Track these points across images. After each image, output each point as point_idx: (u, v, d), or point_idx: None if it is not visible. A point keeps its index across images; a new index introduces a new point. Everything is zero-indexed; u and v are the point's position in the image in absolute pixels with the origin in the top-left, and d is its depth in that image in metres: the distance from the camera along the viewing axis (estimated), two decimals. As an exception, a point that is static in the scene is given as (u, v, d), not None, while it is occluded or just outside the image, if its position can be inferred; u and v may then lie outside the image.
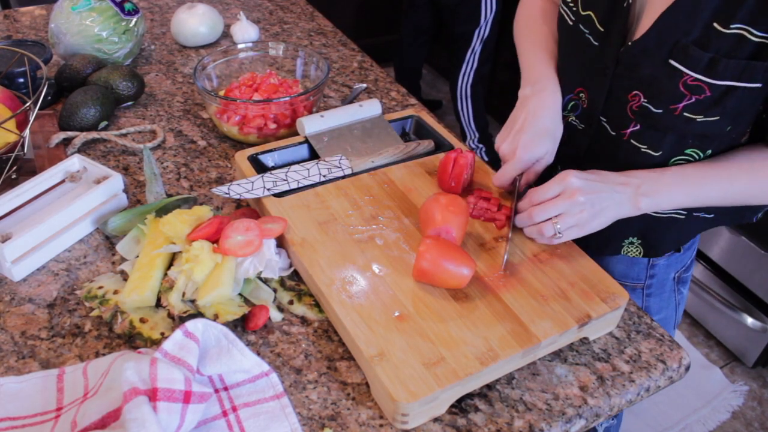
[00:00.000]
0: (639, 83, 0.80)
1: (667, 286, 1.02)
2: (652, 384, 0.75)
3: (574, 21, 0.87)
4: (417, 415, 0.66)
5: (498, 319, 0.73)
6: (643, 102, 0.80)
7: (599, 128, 0.88)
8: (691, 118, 0.78)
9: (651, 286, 1.01)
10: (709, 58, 0.72)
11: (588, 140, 0.91)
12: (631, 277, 1.00)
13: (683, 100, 0.77)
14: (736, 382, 1.99)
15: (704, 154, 0.83)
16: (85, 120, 1.08)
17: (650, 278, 1.00)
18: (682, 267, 1.02)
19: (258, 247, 0.79)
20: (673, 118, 0.79)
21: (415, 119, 1.07)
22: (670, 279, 1.02)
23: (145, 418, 0.57)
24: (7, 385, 0.69)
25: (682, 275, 1.03)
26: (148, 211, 0.88)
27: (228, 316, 0.75)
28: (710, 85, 0.74)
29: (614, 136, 0.86)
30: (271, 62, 1.22)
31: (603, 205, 0.78)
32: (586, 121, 0.90)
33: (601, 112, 0.87)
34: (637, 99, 0.81)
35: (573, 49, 0.89)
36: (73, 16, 1.22)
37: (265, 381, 0.70)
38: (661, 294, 1.02)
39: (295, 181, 0.90)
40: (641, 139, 0.84)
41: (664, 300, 1.04)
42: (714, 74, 0.73)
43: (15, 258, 0.82)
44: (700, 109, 0.76)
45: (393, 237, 0.83)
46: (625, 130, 0.85)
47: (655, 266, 0.99)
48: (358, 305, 0.73)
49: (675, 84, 0.76)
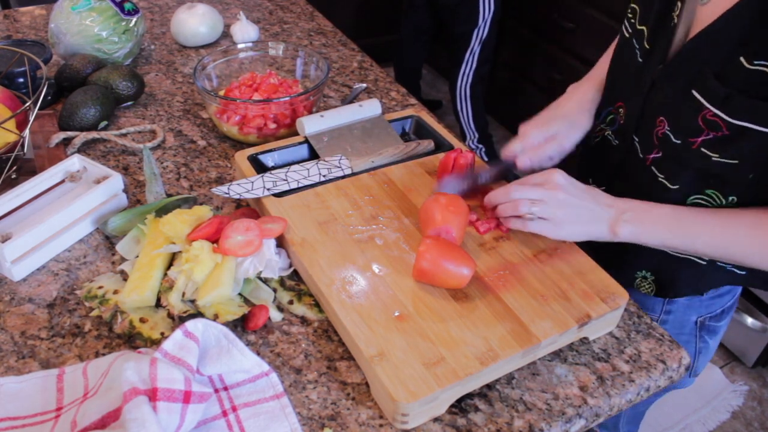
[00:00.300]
0: (664, 109, 0.78)
1: (686, 329, 0.97)
2: (652, 384, 0.75)
3: (630, 34, 0.85)
4: (417, 415, 0.66)
5: (498, 319, 0.73)
6: (666, 130, 0.78)
7: (631, 147, 0.86)
8: (708, 156, 0.74)
9: (666, 323, 0.96)
10: (726, 93, 0.69)
11: (620, 157, 0.89)
12: (646, 307, 0.96)
13: (701, 134, 0.74)
14: (736, 382, 1.99)
15: (726, 199, 0.79)
16: (85, 120, 1.08)
17: (665, 314, 0.95)
18: (708, 313, 0.96)
19: (258, 247, 0.79)
20: (691, 152, 0.76)
21: (415, 119, 1.07)
22: (690, 322, 0.96)
23: (145, 418, 0.57)
24: (7, 385, 0.69)
25: (708, 322, 0.97)
26: (148, 211, 0.88)
27: (228, 316, 0.75)
28: (727, 123, 0.70)
29: (641, 159, 0.84)
30: (271, 62, 1.22)
31: (579, 213, 0.77)
32: (620, 137, 0.88)
33: (635, 131, 0.85)
34: (662, 125, 0.79)
35: (622, 62, 0.88)
36: (73, 16, 1.22)
37: (265, 381, 0.70)
38: (678, 336, 0.96)
39: (295, 181, 0.90)
40: (660, 168, 0.81)
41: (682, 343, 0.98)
42: (730, 111, 0.70)
43: (15, 258, 0.82)
44: (717, 147, 0.73)
45: (393, 237, 0.83)
46: (649, 155, 0.82)
47: (673, 303, 0.94)
48: (358, 305, 0.73)
49: (695, 116, 0.73)
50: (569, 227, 0.77)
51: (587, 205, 0.77)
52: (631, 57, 0.84)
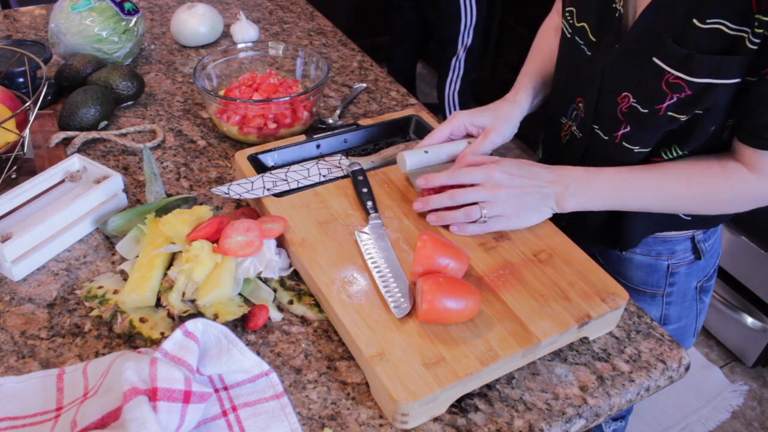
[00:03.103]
0: (628, 84, 0.81)
1: (689, 295, 1.01)
2: (652, 384, 0.75)
3: (571, 33, 0.89)
4: (417, 414, 0.66)
5: (498, 319, 0.73)
6: (632, 103, 0.81)
7: (592, 135, 0.90)
8: (676, 118, 0.78)
9: (672, 294, 1.00)
10: (686, 54, 0.72)
11: (584, 149, 0.93)
12: (651, 284, 1.00)
13: (666, 99, 0.77)
14: (736, 381, 1.99)
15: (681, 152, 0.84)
16: (85, 120, 1.08)
17: (670, 286, 0.99)
18: (704, 276, 1.01)
19: (258, 247, 0.79)
20: (659, 118, 0.79)
21: (415, 119, 1.07)
22: (692, 288, 1.01)
23: (145, 417, 0.57)
24: (7, 385, 0.69)
25: (705, 284, 1.02)
26: (148, 211, 0.88)
27: (228, 316, 0.75)
28: (689, 83, 0.74)
29: (607, 140, 0.87)
30: (271, 62, 1.22)
31: (527, 201, 0.81)
32: (583, 130, 0.91)
33: (593, 120, 0.88)
34: (626, 101, 0.82)
35: (571, 60, 0.91)
36: (73, 16, 1.22)
37: (265, 381, 0.70)
38: (682, 303, 1.01)
39: (295, 181, 0.90)
40: (632, 141, 0.84)
41: (685, 309, 1.03)
42: (691, 71, 0.73)
43: (15, 258, 0.82)
44: (683, 108, 0.77)
45: (393, 237, 0.83)
46: (617, 133, 0.85)
47: (675, 274, 0.98)
48: (358, 305, 0.73)
49: (658, 83, 0.76)
50: (524, 216, 0.81)
51: (532, 190, 0.81)
52: (577, 53, 0.88)
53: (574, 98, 0.91)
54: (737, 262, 1.95)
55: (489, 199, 0.80)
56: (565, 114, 0.95)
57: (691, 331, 1.07)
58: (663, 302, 1.01)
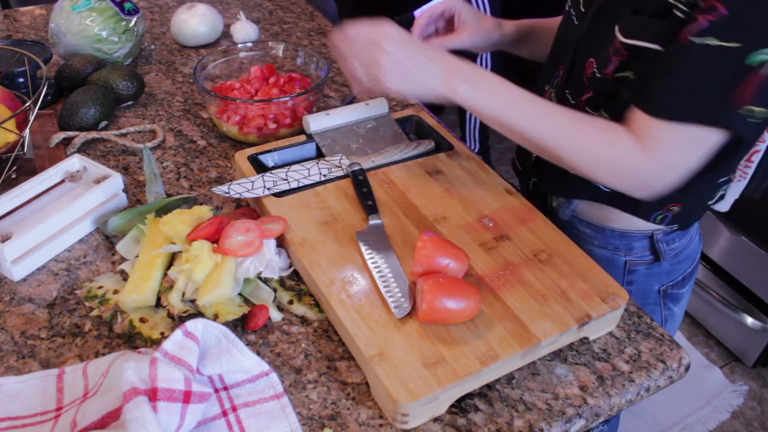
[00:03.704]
0: (592, 50, 0.84)
1: (650, 299, 0.99)
2: (652, 384, 0.75)
3: (569, 6, 0.92)
4: (417, 414, 0.66)
5: (498, 319, 0.73)
6: (594, 68, 0.84)
7: (563, 100, 0.91)
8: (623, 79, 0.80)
9: (630, 293, 0.97)
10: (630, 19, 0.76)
11: None
12: None
13: (610, 64, 0.80)
14: (736, 382, 1.99)
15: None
16: (85, 120, 1.08)
17: (628, 284, 0.98)
18: (669, 281, 0.99)
19: (258, 248, 0.79)
20: (609, 83, 0.81)
21: (415, 119, 1.07)
22: (653, 291, 0.99)
23: (145, 418, 0.57)
24: (7, 385, 0.69)
25: (671, 290, 1.00)
26: (148, 211, 0.88)
27: (228, 316, 0.75)
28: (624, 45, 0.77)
29: (574, 105, 0.89)
30: (271, 62, 1.22)
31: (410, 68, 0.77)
32: (558, 95, 0.93)
33: (565, 85, 0.91)
34: (590, 66, 0.84)
35: (563, 31, 0.95)
36: (73, 16, 1.22)
37: (265, 381, 0.70)
38: (644, 305, 0.98)
39: (295, 181, 0.90)
40: (593, 106, 0.86)
41: (648, 311, 0.99)
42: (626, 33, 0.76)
43: (15, 258, 0.82)
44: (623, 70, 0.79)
45: (393, 237, 0.83)
46: (582, 98, 0.87)
47: (634, 272, 0.97)
48: (358, 305, 0.73)
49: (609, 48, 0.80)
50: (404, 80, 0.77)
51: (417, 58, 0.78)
52: (568, 24, 0.91)
53: (558, 66, 0.94)
54: (737, 262, 1.95)
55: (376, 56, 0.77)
56: (549, 82, 0.97)
57: None
58: None
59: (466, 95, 0.77)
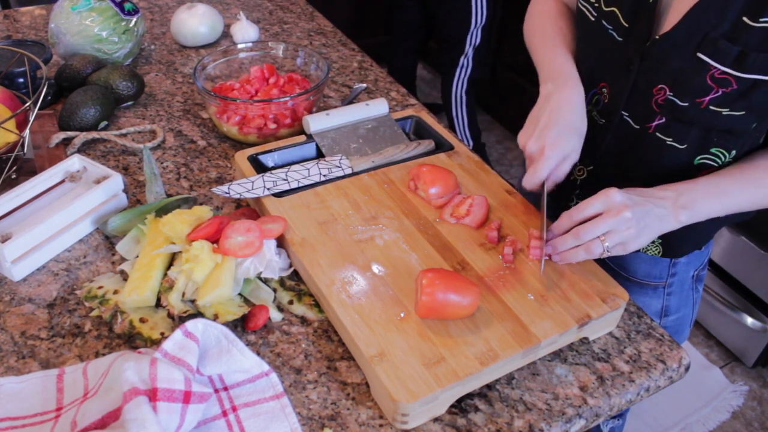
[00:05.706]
0: (665, 77, 0.80)
1: (686, 285, 1.02)
2: (652, 384, 0.75)
3: (596, 17, 0.87)
4: (417, 415, 0.66)
5: (498, 319, 0.73)
6: (668, 95, 0.81)
7: (621, 123, 0.88)
8: (717, 112, 0.78)
9: (672, 285, 1.00)
10: (738, 51, 0.73)
11: (609, 135, 0.90)
12: (654, 275, 0.99)
13: (710, 93, 0.77)
14: (736, 382, 1.99)
15: (729, 155, 0.83)
16: (85, 120, 1.08)
17: (671, 276, 0.99)
18: (701, 265, 1.02)
19: (258, 248, 0.79)
20: (699, 111, 0.79)
21: (415, 119, 1.07)
22: (689, 277, 1.01)
23: (145, 418, 0.57)
24: (7, 385, 0.69)
25: (700, 273, 1.03)
26: (148, 211, 0.88)
27: (228, 316, 0.75)
28: (737, 78, 0.75)
29: (638, 130, 0.86)
30: (271, 62, 1.22)
31: (647, 221, 0.76)
32: (607, 116, 0.90)
33: (624, 107, 0.87)
34: (662, 93, 0.81)
35: (594, 45, 0.89)
36: (73, 16, 1.22)
37: (265, 381, 0.70)
38: (680, 293, 1.02)
39: (295, 181, 0.90)
40: (667, 132, 0.84)
41: (683, 299, 1.03)
42: (742, 68, 0.74)
43: (15, 258, 0.82)
44: (726, 102, 0.77)
45: (393, 237, 0.83)
46: (650, 123, 0.84)
47: (677, 264, 0.99)
48: (358, 305, 0.73)
49: (702, 77, 0.77)
50: (641, 239, 0.76)
51: (649, 209, 0.77)
52: (604, 38, 0.86)
53: (596, 83, 0.90)
54: (737, 262, 1.95)
55: (614, 226, 0.74)
56: None
57: (688, 321, 1.07)
58: (664, 293, 1.01)
59: (687, 219, 0.79)
